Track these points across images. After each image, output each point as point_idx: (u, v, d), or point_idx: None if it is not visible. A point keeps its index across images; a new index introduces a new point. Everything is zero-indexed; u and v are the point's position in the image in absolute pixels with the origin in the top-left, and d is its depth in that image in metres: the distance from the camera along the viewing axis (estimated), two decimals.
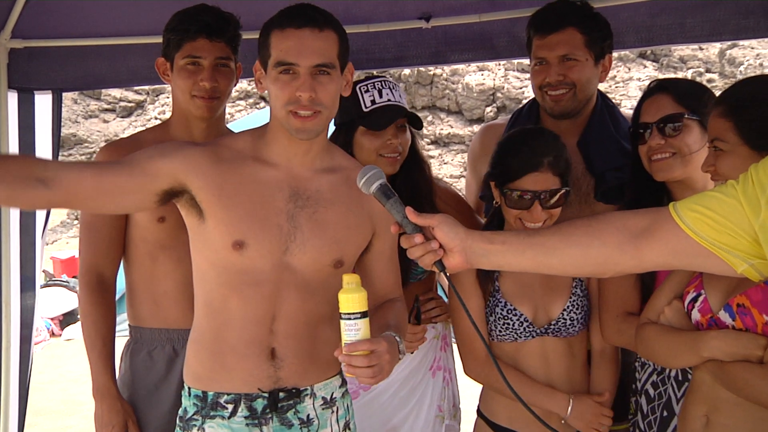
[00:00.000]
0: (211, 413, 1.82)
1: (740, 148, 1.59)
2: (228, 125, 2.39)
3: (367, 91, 2.22)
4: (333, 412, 1.90)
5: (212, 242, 1.77)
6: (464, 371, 2.16)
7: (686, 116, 1.98)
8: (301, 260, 1.79)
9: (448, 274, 1.52)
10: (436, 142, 15.12)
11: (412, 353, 2.24)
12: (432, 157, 14.89)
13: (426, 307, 2.30)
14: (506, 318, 2.05)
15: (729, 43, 12.90)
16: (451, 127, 15.00)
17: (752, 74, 2.01)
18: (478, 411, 2.22)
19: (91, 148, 15.95)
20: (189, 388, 1.86)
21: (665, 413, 2.02)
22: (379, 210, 1.83)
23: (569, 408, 2.03)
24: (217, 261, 1.78)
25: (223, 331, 1.80)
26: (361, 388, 2.30)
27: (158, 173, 1.71)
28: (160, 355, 2.22)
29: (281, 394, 1.81)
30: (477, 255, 1.50)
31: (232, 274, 1.77)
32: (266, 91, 1.78)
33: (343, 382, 1.94)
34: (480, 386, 2.21)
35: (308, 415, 1.85)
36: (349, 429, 1.95)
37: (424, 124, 15.04)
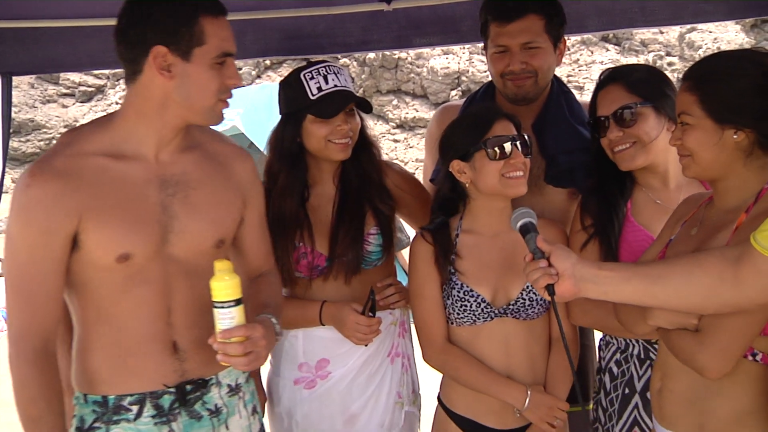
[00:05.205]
0: (114, 418, 1.72)
1: (704, 121, 1.62)
2: None
3: (312, 78, 2.17)
4: (240, 398, 1.87)
5: (92, 262, 1.68)
6: (423, 359, 2.16)
7: (639, 105, 1.99)
8: (182, 248, 1.74)
9: (555, 300, 1.58)
10: (402, 126, 15.12)
11: (366, 345, 2.23)
12: (397, 141, 14.88)
13: (384, 294, 2.28)
14: (463, 300, 2.05)
15: (688, 27, 13.07)
16: (417, 111, 15.00)
17: None
18: (438, 398, 2.22)
19: (50, 133, 15.62)
20: (84, 395, 1.75)
21: (627, 391, 2.06)
22: (245, 179, 1.85)
23: (526, 401, 2.03)
24: (99, 275, 1.70)
25: (120, 333, 1.73)
26: (318, 377, 2.28)
27: (60, 246, 1.64)
28: None
29: (188, 387, 1.76)
30: (586, 280, 1.56)
31: (118, 281, 1.70)
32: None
33: None
34: (437, 372, 2.19)
35: (216, 405, 1.81)
36: (257, 413, 1.93)
37: (389, 108, 15.05)
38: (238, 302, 1.62)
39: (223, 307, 1.61)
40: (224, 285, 1.61)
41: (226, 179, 1.82)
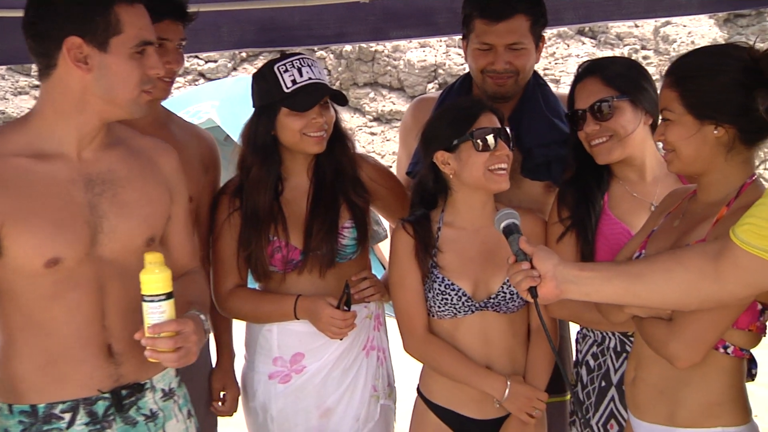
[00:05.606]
0: (45, 428, 1.64)
1: (685, 117, 1.62)
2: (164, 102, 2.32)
3: (286, 70, 2.14)
4: (175, 402, 1.83)
5: (17, 269, 1.60)
6: (404, 349, 2.16)
7: (615, 98, 1.99)
8: (113, 249, 1.67)
9: (537, 302, 1.58)
10: (379, 119, 15.11)
11: (341, 339, 2.22)
12: (374, 134, 14.86)
13: (359, 287, 2.26)
14: (444, 293, 2.05)
15: (663, 20, 13.19)
16: (393, 104, 14.99)
17: (685, 51, 2.04)
18: (418, 389, 2.22)
19: None
20: (9, 406, 1.65)
21: (603, 383, 2.07)
22: (171, 174, 1.81)
23: (506, 391, 2.04)
24: (25, 281, 1.62)
25: (50, 340, 1.65)
26: (293, 371, 2.27)
27: None
28: None
29: (123, 392, 1.70)
30: (567, 281, 1.55)
31: (47, 287, 1.62)
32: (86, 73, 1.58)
33: (178, 372, 1.85)
34: (415, 365, 2.20)
35: (151, 410, 1.75)
36: (192, 416, 1.90)
37: (366, 101, 15.03)
38: (168, 296, 1.58)
39: (153, 301, 1.57)
40: (155, 278, 1.56)
41: (153, 175, 1.76)
